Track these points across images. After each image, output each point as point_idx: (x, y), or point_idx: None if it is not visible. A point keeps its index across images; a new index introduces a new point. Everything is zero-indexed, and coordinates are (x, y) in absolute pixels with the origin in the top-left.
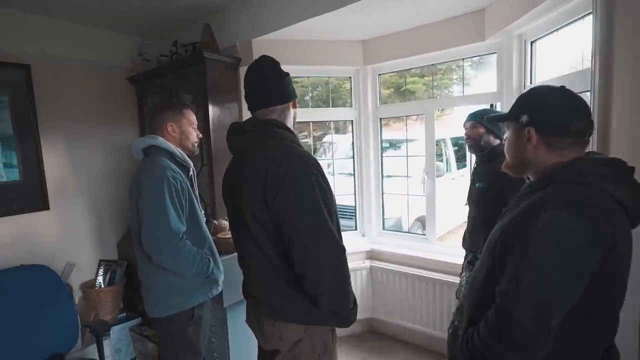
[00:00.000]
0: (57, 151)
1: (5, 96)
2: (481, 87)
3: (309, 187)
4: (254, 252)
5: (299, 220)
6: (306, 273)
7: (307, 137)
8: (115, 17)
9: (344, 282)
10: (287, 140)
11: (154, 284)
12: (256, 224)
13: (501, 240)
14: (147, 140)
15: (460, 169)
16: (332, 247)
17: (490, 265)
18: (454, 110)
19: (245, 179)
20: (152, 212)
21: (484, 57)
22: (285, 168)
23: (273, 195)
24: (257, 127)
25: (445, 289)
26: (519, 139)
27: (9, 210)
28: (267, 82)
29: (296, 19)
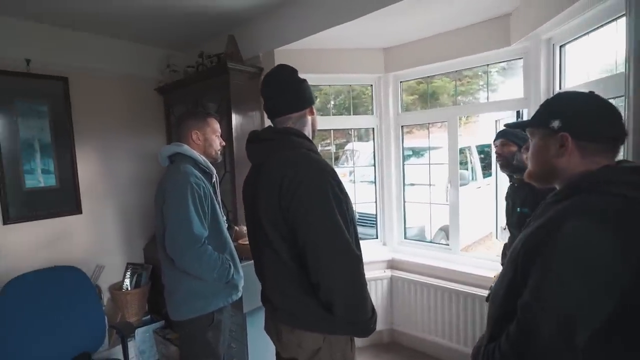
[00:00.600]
0: (90, 158)
1: (45, 107)
2: (507, 94)
3: (324, 194)
4: (271, 258)
5: (313, 228)
6: (320, 281)
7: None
8: (146, 31)
9: (360, 290)
10: (304, 149)
11: (177, 288)
12: (272, 230)
13: (524, 250)
14: (172, 148)
15: (487, 178)
16: (346, 255)
17: (512, 277)
18: (480, 117)
19: (262, 187)
20: (175, 217)
21: (511, 63)
22: (301, 176)
23: (288, 201)
24: (274, 135)
25: (469, 302)
26: (549, 146)
27: (46, 214)
28: (282, 90)
29: (317, 29)
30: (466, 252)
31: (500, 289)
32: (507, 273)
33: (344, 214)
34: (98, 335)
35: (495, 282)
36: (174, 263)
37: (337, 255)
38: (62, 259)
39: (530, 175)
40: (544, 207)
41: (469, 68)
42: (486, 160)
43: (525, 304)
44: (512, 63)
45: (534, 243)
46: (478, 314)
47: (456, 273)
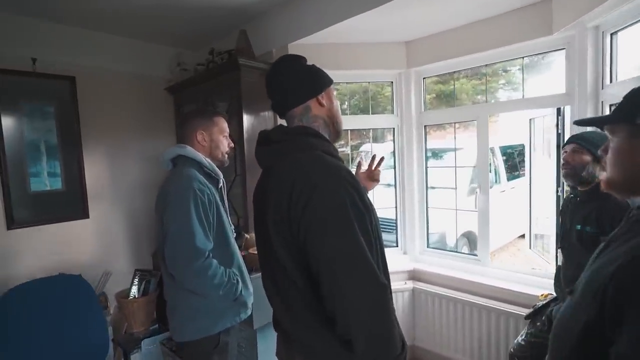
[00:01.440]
0: (98, 161)
1: (51, 107)
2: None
3: (342, 208)
4: (282, 279)
5: (328, 250)
6: (337, 316)
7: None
8: (156, 28)
9: (387, 326)
10: (319, 150)
11: (179, 306)
12: (282, 247)
13: (615, 284)
14: (175, 150)
15: (511, 180)
16: (370, 285)
17: (594, 315)
18: (500, 116)
19: (270, 196)
20: (176, 228)
21: (535, 59)
22: (313, 184)
23: (299, 216)
24: (284, 136)
25: (502, 319)
26: (635, 147)
27: (52, 218)
28: (280, 82)
29: (334, 21)
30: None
31: (573, 326)
32: (583, 307)
33: (367, 230)
34: (101, 348)
35: (562, 313)
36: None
37: (357, 285)
38: (67, 265)
39: (610, 183)
40: (630, 224)
41: (501, 61)
42: (509, 161)
43: (625, 356)
44: (535, 60)
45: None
46: (511, 333)
47: (486, 287)
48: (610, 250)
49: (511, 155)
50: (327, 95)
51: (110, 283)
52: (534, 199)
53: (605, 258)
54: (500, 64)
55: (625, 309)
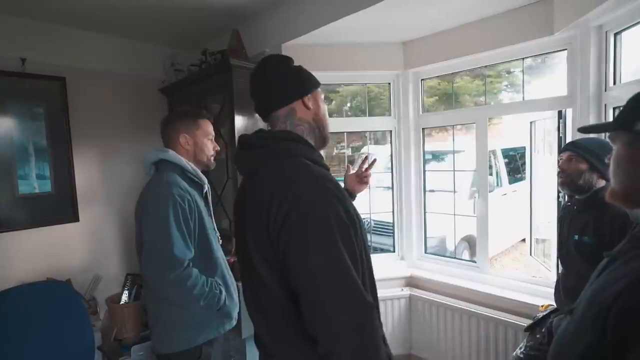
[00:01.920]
0: (88, 163)
1: (41, 108)
2: (543, 92)
3: (324, 222)
4: (263, 294)
5: (309, 267)
6: (318, 335)
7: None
8: (149, 28)
9: (372, 348)
10: (303, 157)
11: (158, 317)
12: (262, 261)
13: (618, 312)
14: (156, 154)
15: (513, 184)
16: (354, 304)
17: (595, 340)
18: (503, 118)
19: (250, 206)
20: (153, 236)
21: (538, 61)
22: (294, 196)
23: (278, 229)
24: (265, 141)
25: (501, 329)
26: (635, 156)
27: (40, 222)
28: (263, 84)
29: (327, 20)
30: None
31: (574, 347)
32: (584, 329)
33: (351, 244)
34: (87, 355)
35: (562, 332)
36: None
37: (341, 305)
38: (57, 269)
39: (613, 195)
40: (634, 241)
41: (501, 62)
42: (512, 165)
43: None
44: (539, 62)
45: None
46: (510, 344)
47: (485, 295)
48: (613, 269)
49: (513, 158)
50: (314, 98)
51: (101, 287)
52: (535, 203)
53: (607, 277)
54: (503, 65)
55: (630, 343)
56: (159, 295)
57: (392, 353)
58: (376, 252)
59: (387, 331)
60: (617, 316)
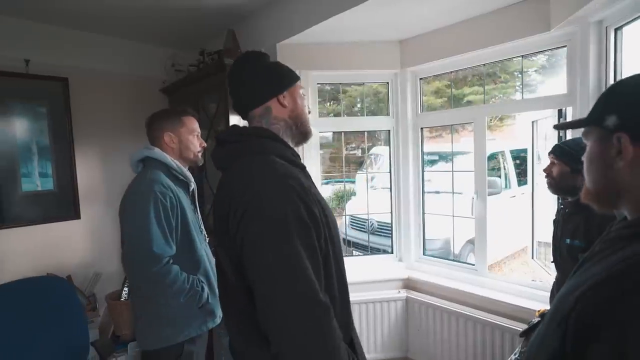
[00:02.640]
0: (90, 162)
1: (44, 108)
2: (548, 91)
3: (281, 219)
4: (231, 295)
5: (263, 265)
6: (270, 334)
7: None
8: (149, 29)
9: (326, 350)
10: (273, 154)
11: (141, 312)
12: (226, 260)
13: (578, 313)
14: (142, 152)
15: (522, 186)
16: (306, 303)
17: (557, 347)
18: (517, 119)
19: (216, 200)
20: (133, 232)
21: (553, 59)
22: (254, 192)
23: (236, 224)
24: (238, 137)
25: (498, 334)
26: (605, 153)
27: (42, 219)
28: (240, 82)
29: (321, 18)
30: (498, 268)
31: (540, 354)
32: (549, 336)
33: (311, 245)
34: (82, 350)
35: (531, 341)
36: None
37: (293, 304)
38: (57, 266)
39: (587, 194)
40: (607, 242)
41: (500, 60)
42: (522, 166)
43: None
44: (556, 58)
45: (596, 305)
46: (507, 349)
47: (482, 299)
48: (581, 272)
49: (524, 159)
50: (291, 94)
51: (101, 284)
52: (538, 205)
53: (574, 281)
54: (516, 66)
55: (588, 344)
56: (139, 292)
57: (389, 357)
58: (375, 253)
59: (383, 333)
60: (575, 321)
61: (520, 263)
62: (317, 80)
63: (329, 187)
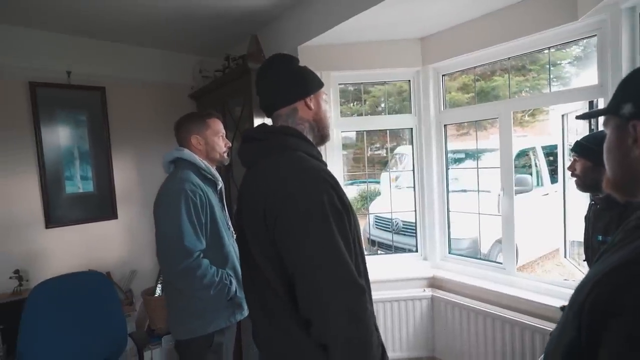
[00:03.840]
0: (126, 165)
1: (84, 116)
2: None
3: (319, 207)
4: (261, 287)
5: (305, 250)
6: (313, 317)
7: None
8: (178, 38)
9: (363, 331)
10: (300, 151)
11: (173, 305)
12: (259, 252)
13: (592, 301)
14: (173, 153)
15: (555, 183)
16: (346, 286)
17: (574, 337)
18: (550, 114)
19: (247, 197)
20: (165, 228)
21: (589, 49)
22: (289, 183)
23: (274, 217)
24: (265, 135)
25: (527, 334)
26: (621, 141)
27: (84, 219)
28: (269, 82)
29: (341, 19)
30: (530, 269)
31: (558, 347)
32: (567, 327)
33: (345, 231)
34: (121, 340)
35: (552, 332)
36: None
37: (334, 287)
38: (98, 262)
39: (607, 183)
40: (627, 231)
41: (527, 53)
42: (555, 163)
43: None
44: (591, 49)
45: (609, 292)
46: (538, 349)
47: (511, 298)
48: (601, 260)
49: (557, 156)
50: (316, 98)
51: (137, 280)
52: (571, 202)
53: (593, 270)
54: (547, 57)
55: (601, 332)
56: (171, 284)
57: (415, 355)
58: (398, 252)
59: (408, 332)
60: (589, 308)
61: (555, 264)
62: (338, 80)
63: (353, 188)
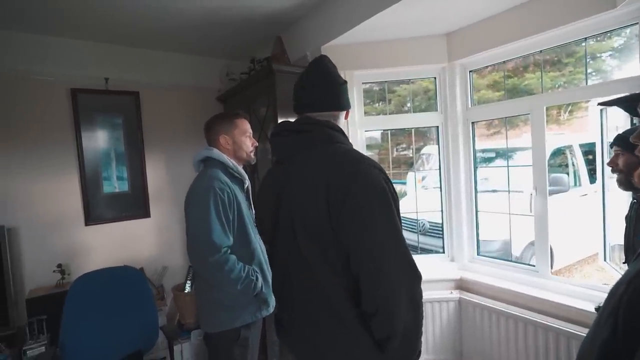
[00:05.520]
0: (158, 165)
1: (120, 119)
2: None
3: (383, 196)
4: (306, 283)
5: (374, 240)
6: (380, 307)
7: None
8: (206, 43)
9: (419, 319)
10: (345, 145)
11: (203, 298)
12: (311, 245)
13: (629, 296)
14: (203, 153)
15: (594, 183)
16: (411, 274)
17: (608, 337)
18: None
19: (297, 188)
20: (195, 223)
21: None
22: (352, 174)
23: (339, 209)
24: (310, 127)
25: (563, 340)
26: None
27: (120, 217)
28: (328, 82)
29: (363, 17)
30: (569, 273)
31: (592, 348)
32: (602, 326)
33: (400, 219)
34: (153, 333)
35: (587, 334)
36: None
37: (403, 273)
38: (132, 258)
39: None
40: None
41: (560, 46)
42: (594, 162)
43: None
44: (632, 42)
45: None
46: (573, 356)
47: (545, 302)
48: (638, 260)
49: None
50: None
51: (168, 277)
52: (608, 202)
53: (629, 268)
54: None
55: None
56: (201, 278)
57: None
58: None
59: (435, 334)
60: (626, 307)
61: (595, 269)
62: (362, 79)
63: None
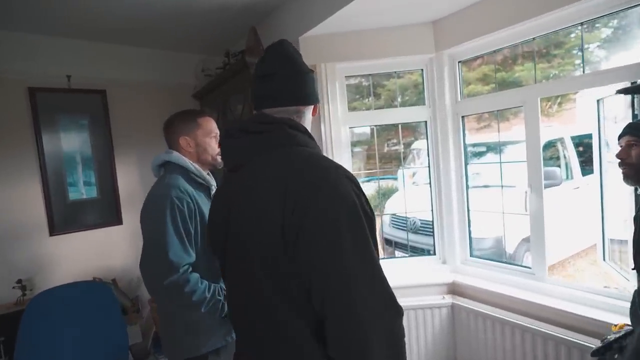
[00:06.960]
0: (129, 169)
1: (85, 120)
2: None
3: (354, 213)
4: (263, 318)
5: (340, 270)
6: (352, 354)
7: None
8: (177, 37)
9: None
10: (309, 148)
11: (164, 324)
12: (267, 279)
13: None
14: (161, 156)
15: (587, 175)
16: (391, 310)
17: None
18: (577, 102)
19: (248, 203)
20: (149, 240)
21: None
22: (314, 184)
23: (295, 231)
24: (264, 127)
25: (563, 350)
26: None
27: (88, 225)
28: (290, 70)
29: (343, 2)
30: (561, 268)
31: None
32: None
33: (375, 240)
34: (120, 356)
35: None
36: None
37: (375, 310)
38: (104, 269)
39: None
40: None
41: (552, 33)
42: (586, 153)
43: None
44: (624, 29)
45: None
46: None
47: (543, 308)
48: None
49: (587, 146)
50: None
51: (144, 287)
52: (608, 197)
53: None
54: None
55: None
56: (158, 301)
57: None
58: (418, 252)
59: (427, 342)
60: None
61: (588, 263)
62: (345, 72)
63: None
